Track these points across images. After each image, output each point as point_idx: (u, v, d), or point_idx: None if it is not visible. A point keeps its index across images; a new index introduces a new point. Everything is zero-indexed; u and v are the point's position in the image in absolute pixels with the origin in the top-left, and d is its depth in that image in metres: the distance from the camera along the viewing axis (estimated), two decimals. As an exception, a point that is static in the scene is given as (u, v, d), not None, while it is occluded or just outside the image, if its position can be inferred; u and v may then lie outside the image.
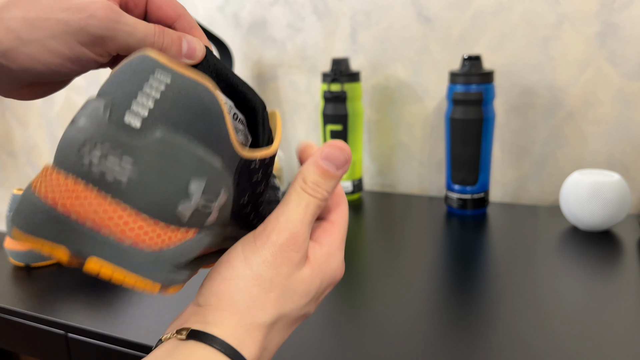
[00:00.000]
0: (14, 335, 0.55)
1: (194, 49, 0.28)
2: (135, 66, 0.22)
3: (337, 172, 0.29)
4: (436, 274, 0.55)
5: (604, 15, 0.70)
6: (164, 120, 0.21)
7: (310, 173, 0.29)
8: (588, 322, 0.45)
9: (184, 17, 0.30)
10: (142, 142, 0.21)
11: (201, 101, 0.22)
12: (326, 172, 0.29)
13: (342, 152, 0.30)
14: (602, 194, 0.61)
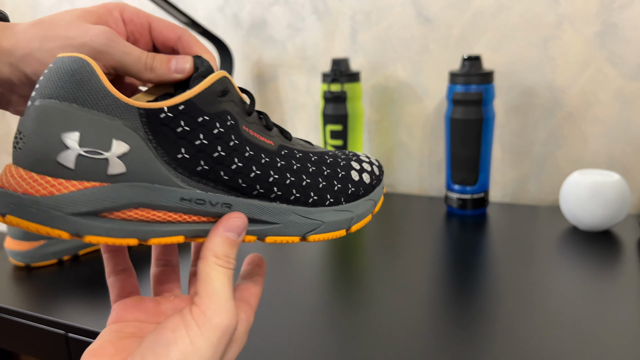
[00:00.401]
0: (14, 335, 0.55)
1: (183, 67, 0.32)
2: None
3: (238, 239, 0.31)
4: (436, 274, 0.56)
5: (604, 15, 0.70)
6: (40, 93, 0.26)
7: (218, 246, 0.30)
8: (588, 321, 0.45)
9: (183, 36, 0.35)
10: (25, 114, 0.26)
11: (69, 68, 0.26)
12: (232, 242, 0.30)
13: (241, 220, 0.31)
14: (601, 194, 0.61)
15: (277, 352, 0.43)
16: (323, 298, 0.52)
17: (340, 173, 0.35)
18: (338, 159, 0.36)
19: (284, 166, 0.33)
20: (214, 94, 0.30)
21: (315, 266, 0.59)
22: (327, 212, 0.34)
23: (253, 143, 0.32)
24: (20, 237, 0.62)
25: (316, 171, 0.34)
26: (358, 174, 0.36)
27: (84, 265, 0.63)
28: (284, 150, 0.34)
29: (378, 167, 0.38)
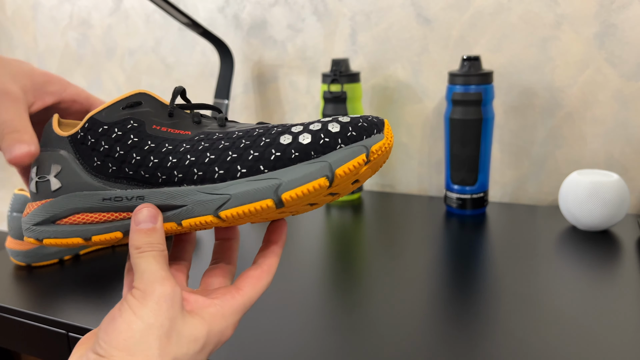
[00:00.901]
0: (15, 334, 0.55)
1: (13, 155, 0.34)
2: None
3: (156, 225, 0.32)
4: (435, 274, 0.56)
5: (603, 16, 0.70)
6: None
7: (135, 238, 0.32)
8: (587, 321, 0.45)
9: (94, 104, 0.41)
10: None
11: (46, 128, 0.37)
12: (149, 231, 0.32)
13: (147, 209, 0.33)
14: (600, 194, 0.61)
15: (277, 352, 0.44)
16: (322, 297, 0.52)
17: (263, 141, 0.33)
18: (275, 128, 0.34)
19: (186, 149, 0.34)
20: (117, 108, 0.35)
21: (315, 265, 0.59)
22: (237, 183, 0.32)
23: (159, 137, 0.35)
24: (21, 237, 0.62)
25: (228, 146, 0.34)
26: (291, 137, 0.32)
27: (84, 264, 0.63)
28: (199, 136, 0.35)
29: (359, 122, 0.33)
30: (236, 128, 0.35)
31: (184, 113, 0.37)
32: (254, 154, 0.32)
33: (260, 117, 0.99)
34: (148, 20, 1.03)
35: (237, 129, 0.35)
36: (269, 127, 0.34)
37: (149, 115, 0.35)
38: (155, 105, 0.36)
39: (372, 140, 0.32)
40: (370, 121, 0.33)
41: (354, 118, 0.33)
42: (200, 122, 0.36)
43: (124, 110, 0.35)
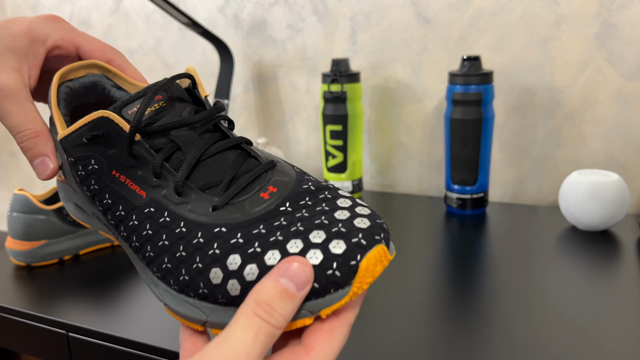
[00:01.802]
0: (15, 334, 0.55)
1: (42, 171, 0.34)
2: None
3: (298, 293, 0.25)
4: (435, 274, 0.56)
5: (603, 15, 0.70)
6: None
7: (265, 292, 0.24)
8: (587, 321, 0.45)
9: (114, 61, 0.37)
10: None
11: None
12: (285, 292, 0.24)
13: (305, 269, 0.25)
14: (601, 194, 0.61)
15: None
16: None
17: (195, 264, 0.28)
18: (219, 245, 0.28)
19: (135, 226, 0.31)
20: (81, 137, 0.32)
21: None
22: (170, 294, 0.30)
23: (116, 192, 0.31)
24: (21, 237, 0.62)
25: (167, 246, 0.29)
26: (222, 277, 0.27)
27: (84, 265, 0.63)
28: (150, 208, 0.30)
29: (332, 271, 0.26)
30: (192, 216, 0.29)
31: (148, 153, 0.31)
32: (184, 276, 0.29)
33: (260, 116, 0.99)
34: (148, 20, 1.03)
35: (193, 219, 0.29)
36: (223, 235, 0.28)
37: (110, 153, 0.31)
38: (117, 136, 0.31)
39: (323, 302, 0.26)
40: (330, 276, 0.26)
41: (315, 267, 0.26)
42: (160, 176, 0.31)
43: (88, 141, 0.32)
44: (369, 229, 0.28)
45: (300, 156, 0.97)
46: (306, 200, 0.30)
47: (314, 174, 0.97)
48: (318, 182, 0.31)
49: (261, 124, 0.99)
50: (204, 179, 0.31)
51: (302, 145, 0.96)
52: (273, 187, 0.30)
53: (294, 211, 0.29)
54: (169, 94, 0.33)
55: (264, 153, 0.33)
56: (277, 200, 0.29)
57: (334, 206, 0.29)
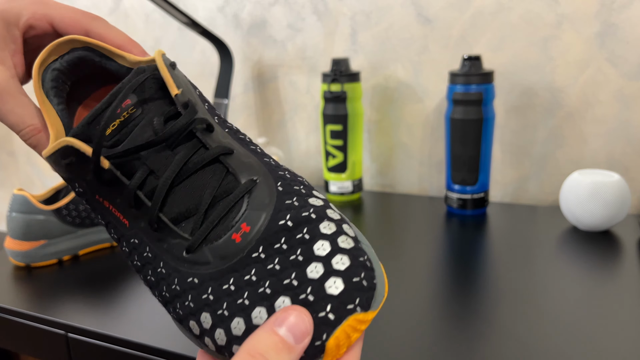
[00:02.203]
0: (14, 335, 0.55)
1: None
2: None
3: (297, 346, 0.23)
4: (436, 274, 0.56)
5: (604, 15, 0.70)
6: None
7: (260, 343, 0.22)
8: (588, 321, 0.45)
9: (91, 31, 0.34)
10: None
11: None
12: (283, 343, 0.22)
13: (304, 319, 0.23)
14: (601, 194, 0.61)
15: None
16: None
17: (178, 309, 0.28)
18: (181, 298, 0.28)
19: (126, 253, 0.30)
20: (59, 161, 0.30)
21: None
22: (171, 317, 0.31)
23: (105, 214, 0.30)
24: (20, 237, 0.62)
25: (153, 283, 0.29)
26: (199, 331, 0.27)
27: (83, 265, 0.63)
28: (135, 239, 0.29)
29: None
30: (163, 252, 0.29)
31: (120, 180, 0.29)
32: (179, 310, 0.28)
33: (260, 116, 0.99)
34: (147, 20, 1.03)
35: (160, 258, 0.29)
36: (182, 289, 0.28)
37: (88, 178, 0.29)
38: (87, 162, 0.28)
39: None
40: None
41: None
42: (136, 206, 0.29)
43: (65, 167, 0.30)
44: (342, 295, 0.24)
45: (300, 156, 0.97)
46: (281, 242, 0.27)
47: (314, 174, 0.97)
48: (298, 211, 0.28)
49: (261, 123, 0.99)
50: (178, 208, 0.29)
51: (302, 145, 0.96)
52: (246, 226, 0.28)
53: (267, 259, 0.27)
54: (138, 94, 0.30)
55: (245, 164, 0.30)
56: (249, 244, 0.27)
57: (309, 255, 0.26)
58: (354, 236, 0.28)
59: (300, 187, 0.30)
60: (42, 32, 0.34)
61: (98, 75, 0.36)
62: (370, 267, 0.26)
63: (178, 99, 0.30)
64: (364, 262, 0.26)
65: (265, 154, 0.32)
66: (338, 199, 0.82)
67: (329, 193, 0.83)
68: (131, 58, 0.33)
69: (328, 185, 0.83)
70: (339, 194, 0.82)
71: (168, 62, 0.31)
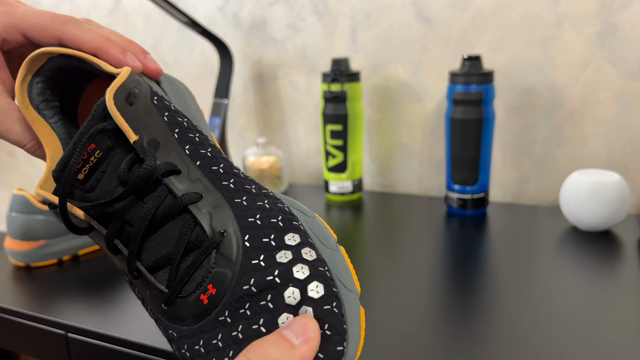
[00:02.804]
0: (14, 335, 0.55)
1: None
2: None
3: (301, 345, 0.23)
4: (436, 274, 0.56)
5: (604, 15, 0.70)
6: None
7: (261, 340, 0.23)
8: (588, 321, 0.45)
9: (63, 37, 0.32)
10: None
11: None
12: (283, 339, 0.23)
13: (307, 323, 0.24)
14: (602, 194, 0.61)
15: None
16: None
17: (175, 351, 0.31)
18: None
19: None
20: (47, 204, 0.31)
21: (316, 266, 0.59)
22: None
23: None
24: (20, 237, 0.62)
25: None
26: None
27: (83, 265, 0.63)
28: (125, 277, 0.31)
29: None
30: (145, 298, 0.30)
31: (97, 227, 0.30)
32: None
33: (260, 116, 0.99)
34: (147, 20, 1.03)
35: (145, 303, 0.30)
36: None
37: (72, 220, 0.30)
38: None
39: None
40: None
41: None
42: (116, 252, 0.30)
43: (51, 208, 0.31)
44: None
45: (300, 156, 0.97)
46: (246, 308, 0.27)
47: (314, 174, 0.97)
48: (262, 274, 0.27)
49: (261, 123, 0.99)
50: (154, 256, 0.29)
51: (302, 145, 0.96)
52: (212, 287, 0.28)
53: (232, 324, 0.27)
54: (99, 140, 0.29)
55: (212, 214, 0.30)
56: (215, 307, 0.28)
57: (271, 328, 0.26)
58: (323, 294, 0.27)
59: (271, 235, 0.29)
60: (17, 43, 0.33)
61: (84, 74, 0.35)
62: (340, 332, 0.26)
63: (137, 145, 0.29)
64: (333, 334, 0.26)
65: (241, 184, 0.31)
66: (338, 199, 0.82)
67: (329, 193, 0.83)
68: (106, 68, 0.32)
69: (328, 185, 0.83)
70: (339, 194, 0.82)
71: (124, 96, 0.30)
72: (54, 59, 0.32)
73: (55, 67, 0.33)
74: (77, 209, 0.29)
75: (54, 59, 0.32)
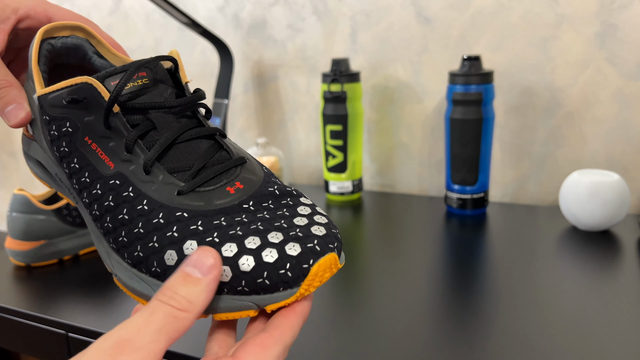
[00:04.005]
0: (15, 334, 0.55)
1: (15, 115, 0.34)
2: None
3: (204, 277, 0.25)
4: (436, 274, 0.56)
5: (603, 15, 0.70)
6: None
7: (170, 280, 0.26)
8: (587, 321, 0.45)
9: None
10: None
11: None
12: (187, 277, 0.25)
13: (207, 255, 0.26)
14: (601, 194, 0.61)
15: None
16: (322, 298, 0.52)
17: (152, 243, 0.28)
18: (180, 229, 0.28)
19: (97, 195, 0.31)
20: (61, 98, 0.32)
21: (315, 266, 0.59)
22: (122, 266, 0.30)
23: (84, 157, 0.32)
24: (20, 237, 0.62)
25: (126, 221, 0.30)
26: (176, 260, 0.28)
27: (84, 265, 0.63)
28: (116, 180, 0.31)
29: (261, 276, 0.27)
30: (150, 191, 0.30)
31: (123, 127, 0.31)
32: (139, 251, 0.29)
33: (260, 116, 0.99)
34: (148, 20, 1.03)
35: (146, 196, 0.30)
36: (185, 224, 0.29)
37: (87, 119, 0.31)
38: (98, 104, 0.31)
39: (270, 298, 0.27)
40: (282, 275, 0.27)
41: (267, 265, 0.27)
42: (132, 151, 0.31)
43: (67, 104, 0.32)
44: (324, 237, 0.29)
45: (300, 156, 0.97)
46: (269, 202, 0.31)
47: (314, 174, 0.97)
48: (283, 187, 0.32)
49: (261, 123, 0.99)
50: (174, 163, 0.31)
51: (302, 145, 0.96)
52: (240, 184, 0.31)
53: (256, 211, 0.30)
54: (153, 73, 0.33)
55: (236, 148, 0.34)
56: (241, 197, 0.30)
57: (294, 212, 0.30)
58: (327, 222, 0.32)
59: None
60: (38, 23, 0.37)
61: (81, 68, 0.39)
62: (338, 233, 0.31)
63: (187, 87, 0.34)
64: (334, 226, 0.31)
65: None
66: (338, 199, 0.82)
67: (329, 193, 0.83)
68: (123, 58, 0.37)
69: (328, 185, 0.83)
70: (339, 194, 0.82)
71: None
72: (76, 38, 0.37)
73: (70, 45, 0.37)
74: (115, 105, 0.31)
75: (75, 38, 0.37)
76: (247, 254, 0.27)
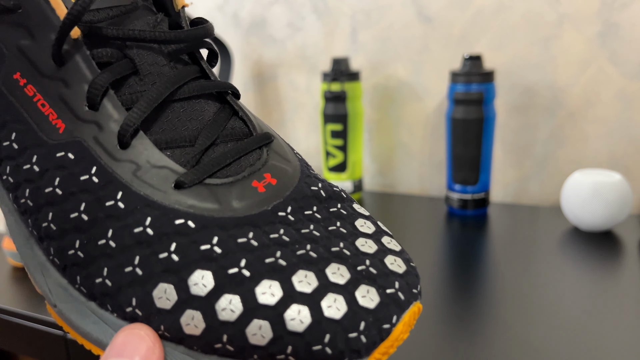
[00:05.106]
0: (13, 336, 0.54)
1: None
2: None
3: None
4: (436, 274, 0.55)
5: (605, 14, 0.70)
6: None
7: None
8: (589, 321, 0.45)
9: None
10: None
11: None
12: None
13: (138, 333, 0.17)
14: (603, 194, 0.61)
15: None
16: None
17: (132, 267, 0.18)
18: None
19: (33, 173, 0.19)
20: None
21: (316, 267, 0.59)
22: (68, 294, 0.19)
23: (13, 106, 0.20)
24: (18, 237, 0.62)
25: (84, 224, 0.18)
26: (175, 301, 0.17)
27: (83, 265, 0.63)
28: (68, 153, 0.19)
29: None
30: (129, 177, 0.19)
31: (86, 64, 0.19)
32: (105, 279, 0.19)
33: (259, 116, 0.99)
34: (147, 19, 1.03)
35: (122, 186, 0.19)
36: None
37: (23, 43, 0.19)
38: (46, 21, 0.19)
39: None
40: (353, 341, 0.17)
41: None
42: (98, 107, 0.19)
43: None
44: (406, 276, 0.19)
45: (300, 156, 0.97)
46: (314, 210, 0.21)
47: (314, 174, 0.97)
48: (329, 185, 0.23)
49: (261, 123, 0.99)
50: (167, 133, 0.20)
51: (302, 144, 0.96)
52: (272, 177, 0.21)
53: (297, 222, 0.20)
54: None
55: (255, 118, 0.24)
56: (276, 199, 0.20)
57: (353, 230, 0.21)
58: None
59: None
60: None
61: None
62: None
63: (184, 12, 0.23)
64: (406, 253, 0.22)
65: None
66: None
67: (329, 193, 0.83)
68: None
69: (328, 185, 0.82)
70: (339, 193, 0.82)
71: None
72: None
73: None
74: (75, 27, 0.19)
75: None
76: (299, 301, 0.17)
